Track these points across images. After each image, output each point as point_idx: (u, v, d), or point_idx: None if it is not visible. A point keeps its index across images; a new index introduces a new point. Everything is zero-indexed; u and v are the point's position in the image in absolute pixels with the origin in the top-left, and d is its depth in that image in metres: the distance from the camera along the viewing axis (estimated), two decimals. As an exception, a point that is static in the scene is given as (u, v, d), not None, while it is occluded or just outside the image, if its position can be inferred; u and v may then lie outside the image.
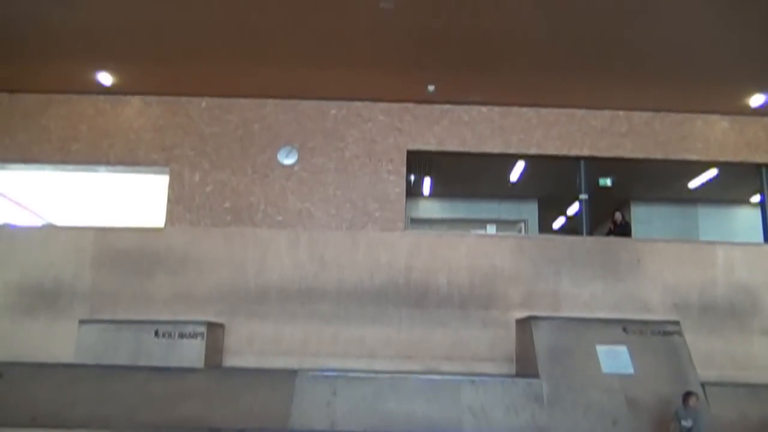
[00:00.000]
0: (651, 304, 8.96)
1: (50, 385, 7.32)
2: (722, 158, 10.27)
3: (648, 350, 7.75)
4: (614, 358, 7.65)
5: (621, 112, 10.19)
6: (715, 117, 10.23)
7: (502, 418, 7.06)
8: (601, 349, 7.69)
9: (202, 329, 8.07)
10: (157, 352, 7.91)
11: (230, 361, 8.68)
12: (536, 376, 7.44)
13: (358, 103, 10.04)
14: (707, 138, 10.20)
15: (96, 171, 10.25)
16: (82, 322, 8.34)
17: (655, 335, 7.92)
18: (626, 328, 7.92)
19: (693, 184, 12.74)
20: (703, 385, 7.43)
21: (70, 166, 10.10)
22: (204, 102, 10.03)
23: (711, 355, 8.47)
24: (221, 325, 8.73)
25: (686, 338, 7.88)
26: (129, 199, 12.07)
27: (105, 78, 9.51)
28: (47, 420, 6.70)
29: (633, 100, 9.94)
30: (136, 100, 10.04)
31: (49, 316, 8.81)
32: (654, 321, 8.17)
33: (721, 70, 8.87)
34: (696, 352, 7.86)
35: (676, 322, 8.11)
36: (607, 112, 10.18)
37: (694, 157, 10.20)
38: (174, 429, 6.67)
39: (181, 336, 8.01)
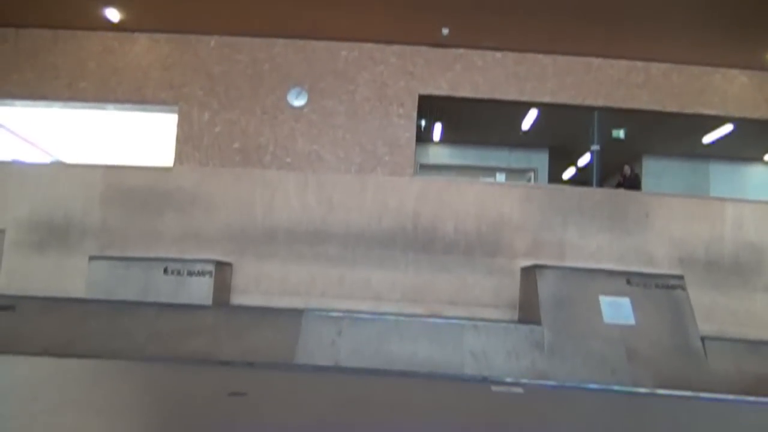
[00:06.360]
0: (656, 258, 8.97)
1: (61, 318, 7.49)
2: (739, 114, 10.05)
3: (650, 303, 7.80)
4: (616, 308, 7.71)
5: (638, 63, 9.92)
6: (734, 71, 9.97)
7: (502, 363, 7.20)
8: (604, 300, 7.76)
9: (211, 268, 8.17)
10: (166, 289, 8.04)
11: (238, 299, 8.83)
12: (538, 323, 7.54)
13: (370, 45, 9.82)
14: (725, 92, 9.97)
15: (104, 109, 10.17)
16: (92, 258, 8.47)
17: (658, 288, 7.96)
18: (630, 280, 7.95)
19: (707, 139, 12.57)
20: (702, 338, 7.53)
21: (78, 104, 10.01)
22: (213, 41, 9.85)
23: (713, 310, 8.51)
24: (229, 264, 8.84)
25: (689, 293, 7.92)
26: (139, 137, 12.04)
27: (112, 14, 9.32)
28: (59, 351, 6.87)
29: (651, 51, 9.67)
30: (144, 38, 9.87)
31: (60, 252, 8.93)
32: (658, 274, 8.20)
33: (742, 23, 8.59)
34: (698, 307, 7.91)
35: (680, 277, 8.13)
36: (623, 62, 9.93)
37: (710, 111, 9.98)
38: (183, 362, 6.84)
39: (190, 274, 8.12)
